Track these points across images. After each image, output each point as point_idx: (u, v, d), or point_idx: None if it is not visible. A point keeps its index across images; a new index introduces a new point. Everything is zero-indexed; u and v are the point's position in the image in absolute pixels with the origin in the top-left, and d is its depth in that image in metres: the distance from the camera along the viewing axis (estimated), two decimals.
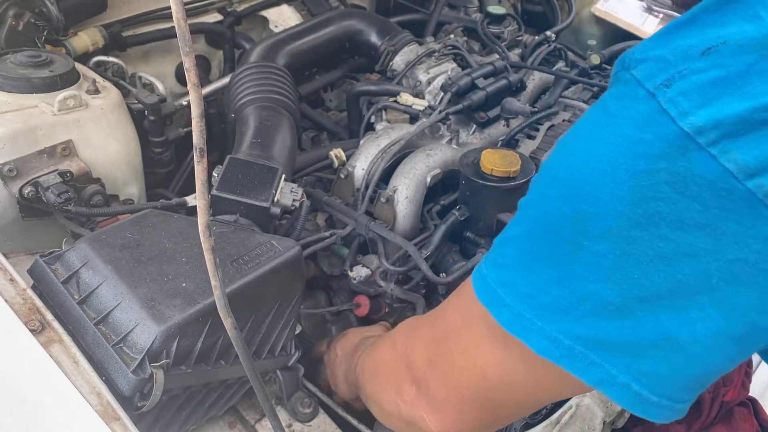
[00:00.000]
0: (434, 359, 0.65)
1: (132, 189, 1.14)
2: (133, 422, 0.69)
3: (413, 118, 1.32)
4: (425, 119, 1.28)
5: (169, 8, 0.66)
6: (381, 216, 1.14)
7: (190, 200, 1.02)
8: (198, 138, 0.50)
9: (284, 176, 1.00)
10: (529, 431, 0.94)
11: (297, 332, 0.94)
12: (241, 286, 0.80)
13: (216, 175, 0.97)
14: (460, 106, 1.30)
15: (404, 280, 1.13)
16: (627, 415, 1.04)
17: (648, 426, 1.09)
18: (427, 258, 1.08)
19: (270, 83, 1.24)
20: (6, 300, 0.78)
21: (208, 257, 0.57)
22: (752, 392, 1.26)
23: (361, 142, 1.24)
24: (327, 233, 1.12)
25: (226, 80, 1.37)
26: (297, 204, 0.99)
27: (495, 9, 1.70)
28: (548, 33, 1.68)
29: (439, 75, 1.40)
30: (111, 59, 1.30)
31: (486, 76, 1.35)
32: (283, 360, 0.91)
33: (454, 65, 1.44)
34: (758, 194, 0.41)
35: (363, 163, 1.19)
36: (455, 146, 1.28)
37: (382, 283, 1.11)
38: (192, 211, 1.01)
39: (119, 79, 1.26)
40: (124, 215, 0.98)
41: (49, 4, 1.20)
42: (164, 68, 1.46)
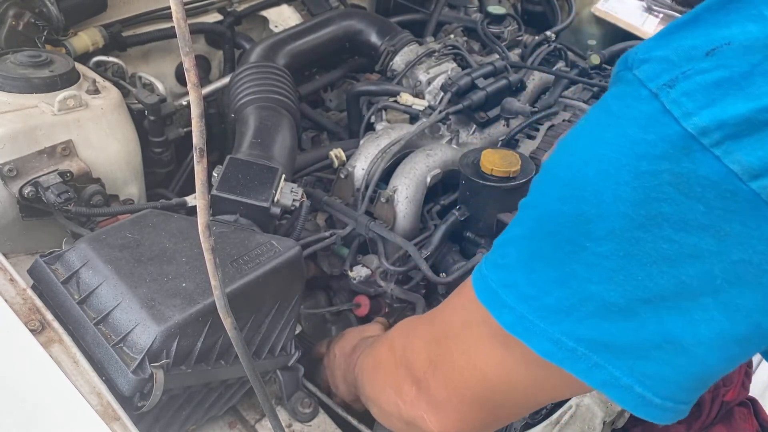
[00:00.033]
0: (434, 359, 0.65)
1: (132, 189, 1.14)
2: (133, 422, 0.69)
3: (413, 118, 1.32)
4: (425, 119, 1.28)
5: (169, 8, 0.66)
6: (381, 216, 1.14)
7: (190, 200, 1.02)
8: (198, 138, 0.50)
9: (284, 176, 1.00)
10: (529, 431, 0.94)
11: (297, 332, 0.94)
12: (241, 286, 0.80)
13: (216, 175, 0.97)
14: (460, 106, 1.29)
15: (404, 280, 1.13)
16: (627, 415, 1.04)
17: (648, 426, 1.09)
18: (427, 258, 1.07)
19: (270, 83, 1.24)
20: (6, 300, 0.78)
21: (208, 257, 0.57)
22: (752, 392, 1.26)
23: (361, 142, 1.24)
24: (327, 233, 1.12)
25: (226, 80, 1.37)
26: (297, 204, 0.99)
27: (495, 9, 1.69)
28: (548, 33, 1.68)
29: (439, 75, 1.39)
30: (111, 59, 1.30)
31: (486, 76, 1.34)
32: (283, 360, 0.91)
33: (454, 65, 1.44)
34: (762, 195, 0.41)
35: (363, 163, 1.19)
36: (455, 146, 1.28)
37: (382, 283, 1.11)
38: (192, 211, 1.01)
39: (119, 79, 1.26)
40: (124, 215, 0.98)
41: (49, 4, 1.20)
42: (164, 68, 1.46)
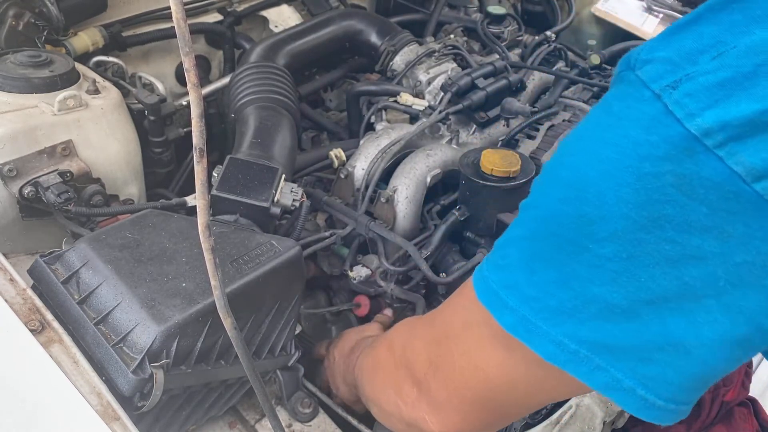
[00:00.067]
0: (435, 360, 0.65)
1: (132, 189, 1.14)
2: (133, 422, 0.69)
3: (413, 118, 1.32)
4: (425, 119, 1.28)
5: (169, 8, 0.66)
6: (381, 216, 1.14)
7: (190, 200, 1.02)
8: (198, 138, 0.50)
9: (284, 176, 1.00)
10: (529, 431, 0.94)
11: (297, 332, 0.94)
12: (241, 286, 0.80)
13: (216, 175, 0.97)
14: (460, 106, 1.29)
15: (404, 280, 1.13)
16: (627, 415, 1.04)
17: (648, 426, 1.09)
18: (427, 258, 1.07)
19: (270, 83, 1.24)
20: (6, 300, 0.78)
21: (208, 257, 0.56)
22: (752, 392, 1.26)
23: (361, 142, 1.24)
24: (327, 233, 1.12)
25: (226, 80, 1.37)
26: (297, 204, 0.99)
27: (495, 9, 1.69)
28: (548, 33, 1.68)
29: (439, 75, 1.39)
30: (111, 59, 1.30)
31: (486, 76, 1.34)
32: (283, 360, 0.91)
33: (454, 65, 1.44)
34: (766, 197, 0.41)
35: (363, 163, 1.19)
36: (455, 146, 1.28)
37: (382, 283, 1.11)
38: (192, 211, 1.01)
39: (119, 79, 1.26)
40: (124, 215, 0.98)
41: (49, 4, 1.20)
42: (164, 68, 1.46)
